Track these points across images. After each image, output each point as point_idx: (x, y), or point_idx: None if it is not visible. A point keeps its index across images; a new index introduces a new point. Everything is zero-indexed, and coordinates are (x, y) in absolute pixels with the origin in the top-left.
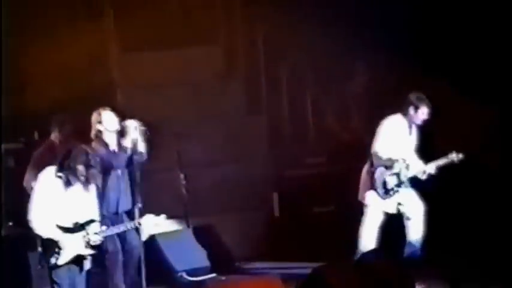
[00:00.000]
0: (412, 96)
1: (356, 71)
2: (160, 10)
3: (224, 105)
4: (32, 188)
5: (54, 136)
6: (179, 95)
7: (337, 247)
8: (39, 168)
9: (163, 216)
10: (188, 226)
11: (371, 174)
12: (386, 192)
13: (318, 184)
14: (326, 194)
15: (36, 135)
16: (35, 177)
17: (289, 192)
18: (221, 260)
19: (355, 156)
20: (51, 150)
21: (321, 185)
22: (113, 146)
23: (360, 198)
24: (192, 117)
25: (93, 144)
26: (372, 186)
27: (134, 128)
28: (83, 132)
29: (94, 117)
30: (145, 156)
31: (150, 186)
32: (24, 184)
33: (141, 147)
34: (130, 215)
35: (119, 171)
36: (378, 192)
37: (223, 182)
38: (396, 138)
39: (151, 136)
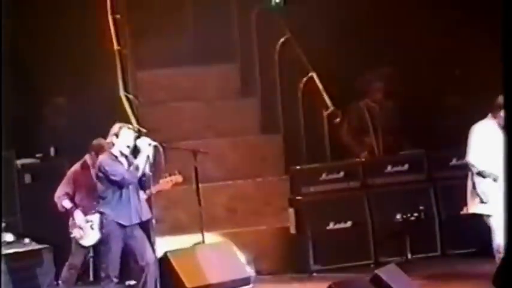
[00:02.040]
0: (500, 99)
1: (373, 86)
2: (176, 27)
3: (240, 123)
4: (62, 205)
5: (89, 157)
6: (195, 112)
7: (353, 263)
8: (71, 185)
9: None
10: (203, 242)
11: (473, 184)
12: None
13: (334, 200)
14: (342, 210)
15: (52, 151)
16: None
17: (304, 209)
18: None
19: (372, 172)
20: (84, 169)
21: (337, 201)
22: (123, 161)
23: (469, 209)
24: (208, 135)
25: (105, 157)
26: (477, 196)
27: (148, 145)
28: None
29: (113, 128)
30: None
31: (165, 201)
32: (56, 199)
33: (147, 167)
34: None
35: (127, 188)
36: (483, 200)
37: (239, 198)
38: (490, 144)
39: (166, 153)
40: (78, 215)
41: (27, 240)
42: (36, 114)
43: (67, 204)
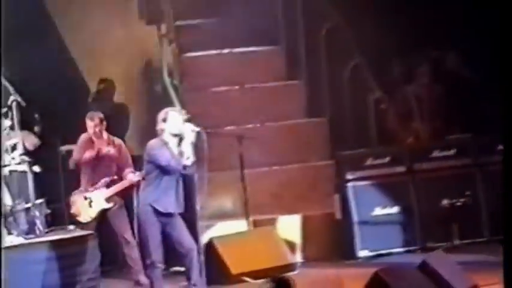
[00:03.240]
0: None
1: (419, 70)
2: (220, 11)
3: (285, 107)
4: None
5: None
6: (240, 97)
7: (400, 249)
8: (81, 154)
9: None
10: (248, 228)
11: None
12: None
13: (380, 186)
14: (388, 195)
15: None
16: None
17: (350, 194)
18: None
19: (418, 157)
20: (91, 141)
21: (383, 186)
22: (172, 147)
23: None
24: (253, 119)
25: (154, 141)
26: None
27: (191, 132)
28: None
29: (160, 115)
30: (192, 169)
31: (211, 188)
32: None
33: (191, 158)
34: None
35: (172, 175)
36: None
37: (284, 184)
38: None
39: (210, 139)
40: (75, 191)
41: (71, 226)
42: (81, 100)
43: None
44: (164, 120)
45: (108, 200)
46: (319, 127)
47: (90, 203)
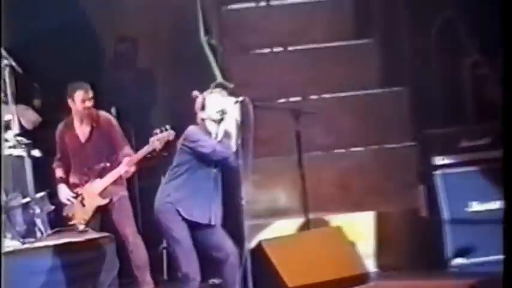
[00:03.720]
0: None
1: None
2: None
3: (354, 74)
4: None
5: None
6: (297, 62)
7: (503, 256)
8: (60, 148)
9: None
10: (308, 229)
11: None
12: None
13: (477, 174)
14: (488, 186)
15: (113, 111)
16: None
17: (439, 185)
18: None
19: None
20: (69, 129)
21: (481, 175)
22: (213, 131)
23: None
24: (313, 90)
25: (195, 128)
26: None
27: (234, 109)
28: None
29: (196, 103)
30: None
31: (258, 176)
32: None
33: (233, 140)
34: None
35: (210, 174)
36: None
37: (353, 171)
38: None
39: (257, 114)
40: (61, 190)
41: (82, 227)
42: (95, 65)
43: (57, 173)
44: (202, 108)
45: (103, 193)
46: (397, 99)
47: (82, 201)
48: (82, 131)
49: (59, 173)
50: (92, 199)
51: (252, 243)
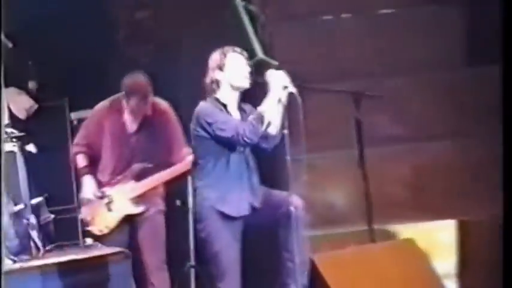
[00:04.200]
0: None
1: None
2: None
3: (432, 49)
4: (76, 163)
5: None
6: (357, 33)
7: None
8: (95, 134)
9: None
10: (372, 241)
11: None
12: None
13: None
14: None
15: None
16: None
17: None
18: None
19: None
20: (115, 113)
21: None
22: (233, 111)
23: None
24: (378, 69)
25: (206, 103)
26: None
27: (282, 87)
28: None
29: (214, 58)
30: (276, 141)
31: (311, 175)
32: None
33: (275, 125)
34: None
35: (240, 154)
36: None
37: (430, 170)
38: None
39: (306, 98)
40: (87, 183)
41: (89, 240)
42: (105, 38)
43: (80, 161)
44: (220, 67)
45: (136, 200)
46: (487, 80)
47: (109, 204)
48: (132, 118)
49: (83, 161)
50: (122, 204)
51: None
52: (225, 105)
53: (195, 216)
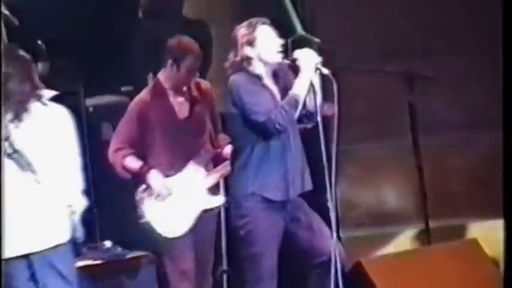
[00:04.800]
0: None
1: None
2: None
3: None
4: (124, 166)
5: (164, 74)
6: (409, 3)
7: None
8: (136, 130)
9: None
10: (428, 242)
11: None
12: None
13: None
14: None
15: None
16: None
17: None
18: None
19: None
20: (157, 98)
21: None
22: (270, 86)
23: None
24: (435, 45)
25: (239, 77)
26: None
27: (313, 68)
28: None
29: (242, 33)
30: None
31: (354, 167)
32: (111, 158)
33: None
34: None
35: (281, 137)
36: None
37: (496, 160)
38: None
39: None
40: (154, 177)
41: (108, 243)
42: (123, 15)
43: (133, 162)
44: (250, 43)
45: (212, 191)
46: None
47: (178, 200)
48: (179, 103)
49: (136, 160)
50: (197, 198)
51: (348, 263)
52: (259, 78)
53: (234, 212)
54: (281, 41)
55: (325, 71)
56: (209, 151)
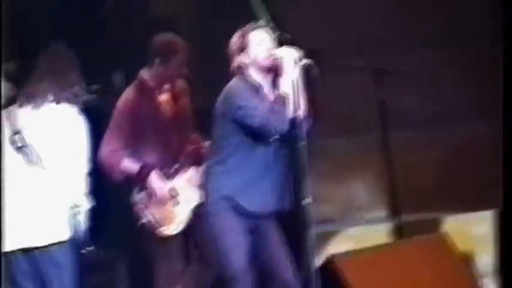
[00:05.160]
0: None
1: None
2: None
3: (467, 20)
4: (121, 169)
5: (149, 71)
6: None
7: None
8: (128, 129)
9: None
10: (399, 237)
11: None
12: None
13: None
14: None
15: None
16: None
17: None
18: None
19: None
20: (143, 95)
21: None
22: (269, 93)
23: None
24: (400, 39)
25: (237, 82)
26: None
27: (293, 63)
28: None
29: (234, 41)
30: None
31: (329, 166)
32: (104, 160)
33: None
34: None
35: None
36: None
37: (465, 155)
38: None
39: (322, 76)
40: (155, 179)
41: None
42: (90, 15)
43: (130, 165)
44: (242, 48)
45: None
46: None
47: (175, 197)
48: (165, 101)
49: (134, 162)
50: (190, 194)
51: (319, 259)
52: (259, 86)
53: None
54: (274, 44)
55: (306, 61)
56: (198, 148)
